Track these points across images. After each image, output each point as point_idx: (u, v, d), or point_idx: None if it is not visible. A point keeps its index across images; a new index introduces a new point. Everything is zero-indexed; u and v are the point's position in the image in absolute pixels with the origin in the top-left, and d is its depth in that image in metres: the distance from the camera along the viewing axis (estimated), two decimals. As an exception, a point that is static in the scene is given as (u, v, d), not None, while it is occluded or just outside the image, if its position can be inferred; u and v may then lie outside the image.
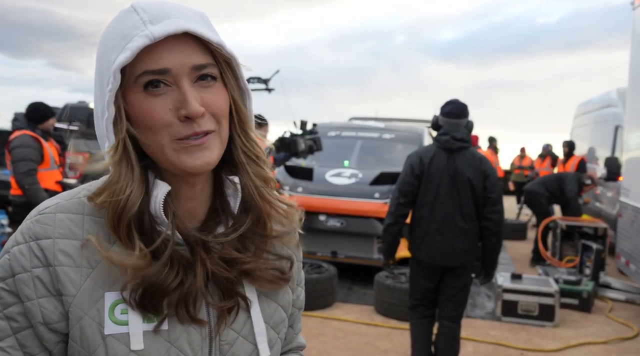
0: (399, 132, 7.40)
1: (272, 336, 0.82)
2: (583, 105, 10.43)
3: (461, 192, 3.17)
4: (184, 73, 0.69)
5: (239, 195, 0.79)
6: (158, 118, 0.69)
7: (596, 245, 5.93)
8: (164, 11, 0.69)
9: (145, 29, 0.67)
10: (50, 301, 0.68)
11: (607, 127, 8.32)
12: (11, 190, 4.54)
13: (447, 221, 3.19)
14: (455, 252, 3.19)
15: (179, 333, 0.72)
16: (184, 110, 0.68)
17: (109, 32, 0.72)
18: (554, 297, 4.73)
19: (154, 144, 0.70)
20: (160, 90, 0.69)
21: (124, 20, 0.70)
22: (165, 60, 0.68)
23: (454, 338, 3.33)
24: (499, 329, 4.63)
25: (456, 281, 3.26)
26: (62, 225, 0.71)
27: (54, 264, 0.68)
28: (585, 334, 4.54)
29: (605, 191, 7.97)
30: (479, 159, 3.21)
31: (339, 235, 5.91)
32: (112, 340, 0.69)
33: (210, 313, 0.75)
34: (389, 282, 4.83)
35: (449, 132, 3.22)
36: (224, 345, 0.76)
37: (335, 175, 6.23)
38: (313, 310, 4.86)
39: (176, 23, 0.68)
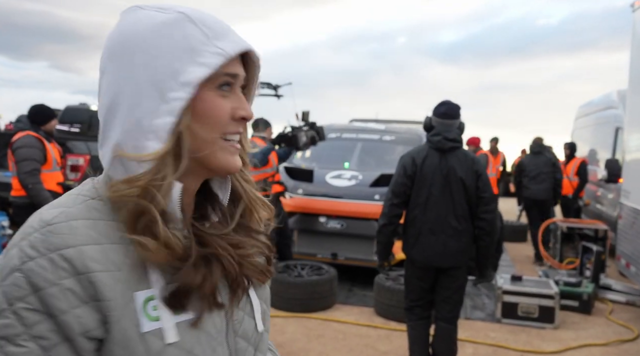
0: (400, 134, 7.41)
1: (265, 309, 0.89)
2: (584, 107, 10.42)
3: (454, 192, 3.18)
4: (241, 81, 0.79)
5: (228, 188, 0.85)
6: (224, 114, 0.76)
7: (596, 246, 5.93)
8: (221, 27, 0.76)
9: (214, 46, 0.73)
10: (85, 310, 0.67)
11: (607, 129, 8.31)
12: (12, 192, 4.56)
13: (440, 221, 3.20)
14: (448, 252, 3.19)
15: (205, 319, 0.76)
16: (243, 111, 0.78)
17: (159, 36, 0.72)
18: (554, 299, 4.73)
19: (208, 138, 0.75)
20: (227, 92, 0.77)
21: (182, 29, 0.73)
22: (236, 68, 0.77)
23: (451, 340, 3.33)
24: (499, 331, 4.63)
25: (451, 283, 3.27)
26: (80, 232, 0.69)
27: (84, 272, 0.67)
28: (585, 336, 4.54)
29: (606, 193, 7.96)
30: (471, 159, 3.22)
31: (339, 236, 5.91)
32: (150, 337, 0.71)
33: (222, 296, 0.80)
34: (389, 284, 4.84)
35: (441, 132, 3.24)
36: (236, 323, 0.82)
37: (336, 176, 6.23)
38: (313, 311, 4.86)
39: (241, 42, 0.76)
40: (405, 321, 3.47)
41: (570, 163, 8.67)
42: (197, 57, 0.72)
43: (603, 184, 7.89)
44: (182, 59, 0.71)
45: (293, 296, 4.85)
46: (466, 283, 3.34)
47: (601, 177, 7.73)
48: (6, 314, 0.66)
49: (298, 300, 4.85)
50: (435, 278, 3.31)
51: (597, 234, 6.61)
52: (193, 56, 0.72)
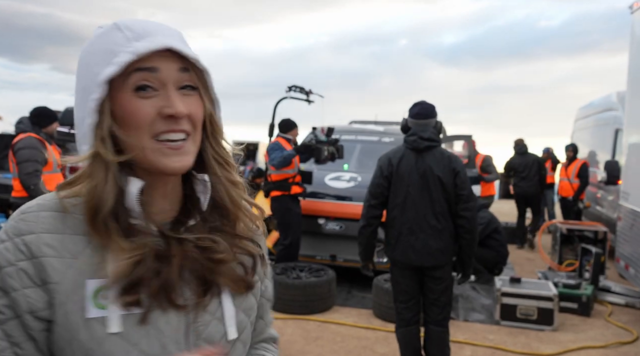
0: (399, 136, 7.40)
1: (243, 319, 0.88)
2: (584, 109, 10.41)
3: (432, 190, 3.18)
4: (171, 76, 0.77)
5: (208, 192, 0.86)
6: (143, 116, 0.76)
7: (596, 248, 5.92)
8: (146, 29, 0.78)
9: (130, 46, 0.75)
10: (35, 291, 0.74)
11: (607, 131, 8.30)
12: (13, 192, 4.57)
13: (419, 220, 3.19)
14: (429, 252, 3.18)
15: (157, 316, 0.77)
16: (169, 108, 0.76)
17: (93, 47, 0.79)
18: (553, 301, 4.72)
19: (136, 143, 0.77)
20: (148, 94, 0.76)
21: (108, 37, 0.78)
22: (155, 62, 0.76)
23: (443, 343, 3.31)
24: (498, 333, 4.62)
25: (437, 285, 3.25)
26: (45, 221, 0.77)
27: (38, 256, 0.74)
28: (584, 338, 4.53)
29: (606, 195, 7.96)
30: (447, 157, 3.22)
31: (338, 238, 5.91)
32: (93, 323, 0.74)
33: (186, 297, 0.81)
34: (387, 286, 4.83)
35: (417, 132, 3.25)
36: (199, 326, 0.82)
37: (335, 178, 6.23)
38: (311, 313, 4.86)
39: (158, 40, 0.76)
40: (395, 327, 3.45)
41: (572, 165, 8.66)
42: (113, 58, 0.75)
43: (603, 186, 7.88)
44: (101, 63, 0.76)
45: (291, 298, 4.84)
46: (452, 283, 3.32)
47: (601, 178, 7.72)
48: None
49: (296, 301, 4.84)
50: (421, 278, 3.30)
51: (597, 236, 6.60)
52: (110, 58, 0.75)
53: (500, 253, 6.27)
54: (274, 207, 5.70)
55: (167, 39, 0.77)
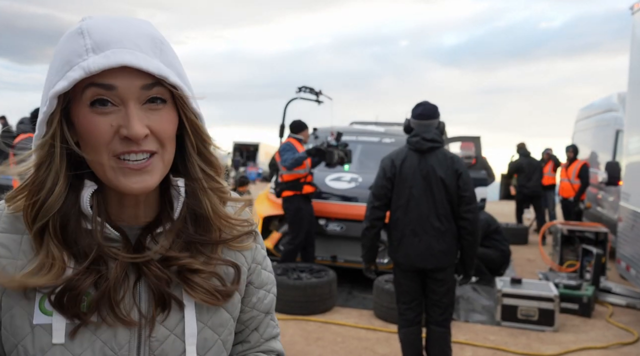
0: (399, 137, 7.40)
1: (210, 336, 0.82)
2: (584, 110, 10.41)
3: (435, 192, 3.17)
4: (132, 93, 0.70)
5: (181, 198, 0.80)
6: (99, 135, 0.70)
7: (597, 249, 5.91)
8: (108, 38, 0.70)
9: (86, 59, 0.68)
10: None
11: (608, 132, 8.30)
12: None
13: (422, 222, 3.19)
14: (432, 253, 3.18)
15: (105, 328, 0.74)
16: (125, 130, 0.70)
17: (58, 49, 0.73)
18: (554, 302, 4.71)
19: (95, 159, 0.72)
20: (107, 109, 0.70)
21: (70, 42, 0.71)
22: (113, 79, 0.69)
23: (445, 343, 3.31)
24: (499, 334, 4.62)
25: (439, 287, 3.25)
26: (5, 220, 0.75)
27: None
28: (585, 339, 4.52)
29: (606, 195, 7.95)
30: (450, 158, 3.21)
31: (338, 239, 5.91)
32: (39, 330, 0.72)
33: (141, 310, 0.76)
34: (388, 287, 4.83)
35: (419, 133, 3.24)
36: (153, 341, 0.76)
37: (335, 179, 6.23)
38: (312, 314, 4.86)
39: (116, 57, 0.68)
40: (397, 327, 3.45)
41: (572, 165, 8.67)
42: (68, 70, 0.69)
43: (603, 187, 7.87)
44: (58, 73, 0.70)
45: (292, 299, 4.84)
46: (455, 284, 3.32)
47: (602, 179, 7.72)
48: None
49: (297, 302, 4.84)
50: (423, 279, 3.30)
51: (598, 237, 6.59)
52: (65, 69, 0.69)
53: (503, 253, 6.27)
54: (286, 207, 5.71)
55: (127, 53, 0.69)
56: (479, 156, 7.60)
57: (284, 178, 5.74)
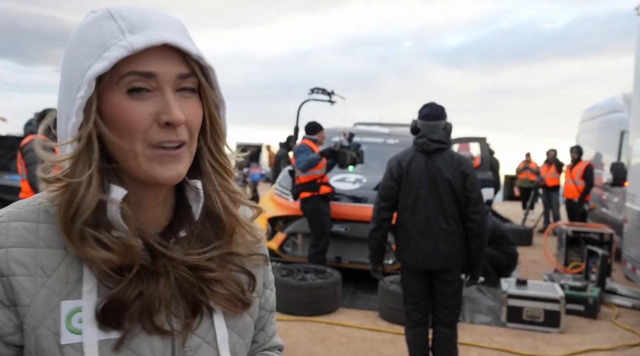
0: (403, 137, 7.40)
1: (237, 341, 0.81)
2: (589, 111, 10.38)
3: (442, 193, 3.17)
4: (169, 80, 0.69)
5: (201, 200, 0.77)
6: (138, 121, 0.67)
7: (602, 250, 5.90)
8: (143, 19, 0.68)
9: (124, 39, 0.66)
10: (4, 313, 0.66)
11: (613, 132, 8.28)
12: (20, 194, 4.61)
13: (429, 223, 3.18)
14: (439, 254, 3.17)
15: (140, 341, 0.70)
16: (166, 116, 0.68)
17: (81, 36, 0.69)
18: (559, 303, 4.70)
19: (128, 149, 0.68)
20: (143, 96, 0.68)
21: (100, 26, 0.68)
22: (151, 65, 0.67)
23: (451, 344, 3.30)
24: (504, 335, 4.60)
25: (446, 287, 3.24)
26: (15, 233, 0.68)
27: (7, 274, 0.66)
28: (591, 340, 4.51)
29: (611, 197, 7.93)
30: (457, 160, 3.21)
31: (343, 240, 5.91)
32: (69, 350, 0.67)
33: (173, 320, 0.74)
34: (393, 288, 4.82)
35: (426, 134, 3.24)
36: (187, 351, 0.74)
37: (340, 180, 6.23)
38: (317, 315, 4.85)
39: (156, 34, 0.67)
40: (405, 328, 3.45)
41: (576, 166, 8.65)
42: (104, 51, 0.66)
43: (608, 188, 7.85)
44: (92, 56, 0.67)
45: (297, 300, 4.84)
46: (461, 286, 3.32)
47: (606, 180, 7.70)
48: None
49: (302, 303, 4.84)
50: (431, 280, 3.30)
51: (603, 238, 6.57)
52: (101, 51, 0.66)
53: (510, 255, 6.25)
54: (304, 208, 5.71)
55: (166, 32, 0.68)
56: (485, 157, 7.59)
57: (300, 179, 5.74)
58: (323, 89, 7.14)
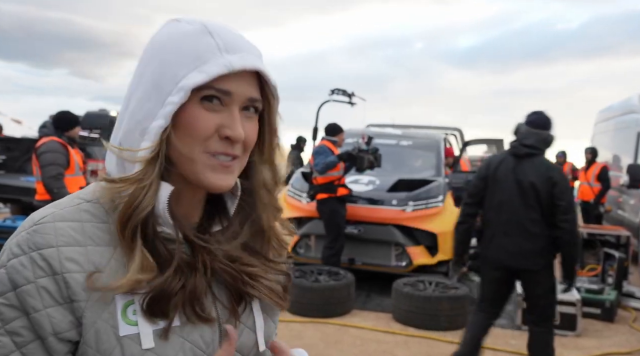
0: (417, 139, 7.38)
1: (270, 327, 0.86)
2: (604, 112, 10.28)
3: (527, 196, 3.27)
4: (240, 100, 0.74)
5: (236, 198, 0.82)
6: (203, 129, 0.72)
7: (619, 253, 5.82)
8: (236, 42, 0.74)
9: (222, 57, 0.71)
10: (58, 311, 0.68)
11: (628, 134, 8.18)
12: (36, 196, 4.66)
13: (513, 223, 3.30)
14: (522, 254, 3.27)
15: (190, 328, 0.74)
16: (229, 130, 0.72)
17: (176, 44, 0.73)
18: (575, 306, 4.64)
19: (187, 151, 0.73)
20: (214, 106, 0.73)
21: (196, 39, 0.73)
22: (231, 85, 0.72)
23: (544, 343, 3.40)
24: (520, 338, 4.56)
25: (534, 289, 3.37)
26: (63, 232, 0.70)
27: (60, 272, 0.68)
28: (608, 344, 4.45)
29: (628, 198, 7.83)
30: (546, 166, 3.30)
31: (356, 241, 5.90)
32: (127, 341, 0.70)
33: (218, 308, 0.78)
34: (407, 290, 4.80)
35: (520, 138, 3.37)
36: None
37: (353, 181, 6.22)
38: (330, 317, 4.85)
39: (251, 60, 0.73)
40: (471, 312, 3.67)
41: (591, 168, 8.55)
42: (202, 65, 0.71)
43: (625, 190, 7.75)
44: (188, 66, 0.71)
45: (310, 302, 4.84)
46: (552, 288, 3.38)
47: (623, 182, 7.60)
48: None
49: (315, 305, 4.84)
50: (512, 279, 3.43)
51: (619, 240, 6.48)
52: (198, 64, 0.71)
53: None
54: (321, 210, 5.72)
55: (256, 59, 0.74)
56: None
57: (317, 180, 5.75)
58: (343, 90, 7.15)
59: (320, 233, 5.85)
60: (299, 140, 11.21)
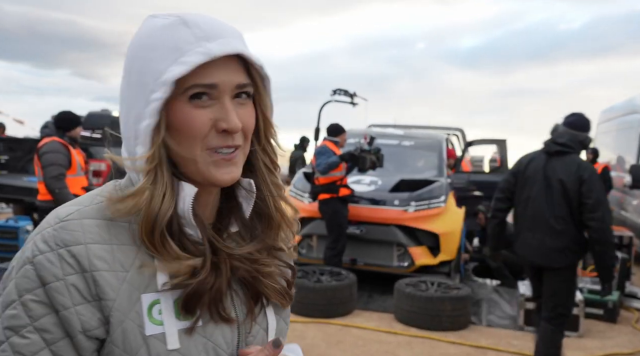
0: (418, 139, 7.37)
1: (283, 327, 0.87)
2: (606, 112, 10.26)
3: (554, 193, 3.29)
4: (229, 89, 0.73)
5: (252, 198, 0.82)
6: (198, 127, 0.71)
7: (621, 254, 5.81)
8: (215, 29, 0.72)
9: (201, 46, 0.70)
10: (87, 308, 0.68)
11: (631, 134, 8.16)
12: (38, 196, 4.66)
13: (538, 220, 3.33)
14: (544, 250, 3.30)
15: (212, 329, 0.75)
16: (224, 123, 0.72)
17: (155, 40, 0.72)
18: (578, 307, 4.63)
19: (187, 153, 0.73)
20: (204, 103, 0.72)
21: (174, 32, 0.72)
22: (215, 77, 0.71)
23: (549, 341, 3.38)
24: (522, 338, 4.55)
25: (551, 286, 3.37)
26: (91, 230, 0.70)
27: (89, 270, 0.68)
28: (611, 345, 4.44)
29: (631, 199, 7.81)
30: (577, 164, 3.29)
31: (358, 242, 5.89)
32: (153, 341, 0.70)
33: (237, 308, 0.79)
34: (409, 290, 4.80)
35: (555, 137, 3.41)
36: (249, 336, 0.80)
37: (355, 182, 6.22)
38: (332, 317, 4.85)
39: (231, 44, 0.72)
40: (535, 315, 3.73)
41: (593, 168, 8.52)
42: (181, 56, 0.70)
43: (627, 190, 7.74)
44: (167, 60, 0.70)
45: (312, 302, 4.83)
46: (571, 285, 3.39)
47: (625, 183, 7.59)
48: (15, 305, 0.67)
49: (317, 305, 4.83)
50: (542, 275, 3.46)
51: (622, 241, 6.47)
52: (177, 56, 0.70)
53: None
54: (323, 210, 5.72)
55: (237, 42, 0.73)
56: (504, 159, 7.54)
57: (319, 181, 5.75)
58: (345, 90, 7.15)
59: (322, 233, 5.85)
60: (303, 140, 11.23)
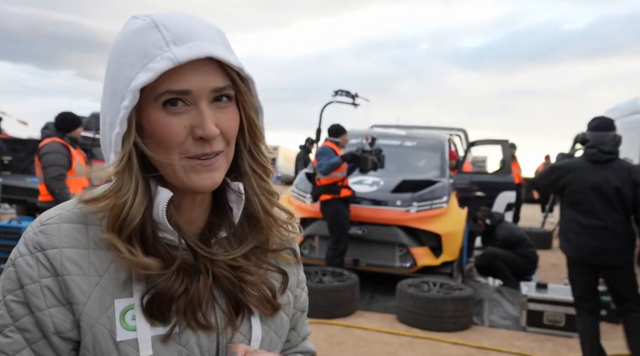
0: (421, 140, 7.37)
1: (274, 339, 0.83)
2: (609, 112, 10.20)
3: (611, 200, 3.39)
4: (204, 94, 0.70)
5: (242, 202, 0.79)
6: (174, 135, 0.69)
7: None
8: (186, 30, 0.69)
9: (169, 51, 0.67)
10: (60, 311, 0.69)
11: (634, 134, 8.12)
12: (39, 197, 4.67)
13: (598, 227, 3.42)
14: (606, 251, 3.41)
15: (188, 336, 0.73)
16: (200, 130, 0.69)
17: (126, 45, 0.70)
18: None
19: (164, 161, 0.71)
20: (179, 109, 0.69)
21: (144, 35, 0.69)
22: (187, 82, 0.68)
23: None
24: (524, 339, 4.54)
25: (618, 284, 3.50)
26: (67, 234, 0.71)
27: (62, 273, 0.69)
28: (614, 346, 4.42)
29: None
30: (627, 169, 3.41)
31: (360, 242, 5.89)
32: (124, 346, 0.70)
33: (218, 317, 0.77)
34: (411, 291, 4.79)
35: (597, 145, 3.46)
36: (230, 346, 0.77)
37: (357, 182, 6.21)
38: (335, 318, 4.85)
39: (200, 46, 0.68)
40: (576, 316, 3.77)
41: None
42: (149, 62, 0.67)
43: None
44: (136, 66, 0.68)
45: (314, 303, 4.81)
46: (634, 276, 3.50)
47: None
48: (0, 305, 0.70)
49: (320, 306, 4.83)
50: (597, 274, 3.58)
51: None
52: (145, 62, 0.67)
53: (529, 259, 6.18)
54: (324, 211, 5.72)
55: (209, 44, 0.69)
56: (506, 160, 7.52)
57: (321, 182, 5.75)
58: (347, 91, 7.15)
59: (324, 234, 5.85)
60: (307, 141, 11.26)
